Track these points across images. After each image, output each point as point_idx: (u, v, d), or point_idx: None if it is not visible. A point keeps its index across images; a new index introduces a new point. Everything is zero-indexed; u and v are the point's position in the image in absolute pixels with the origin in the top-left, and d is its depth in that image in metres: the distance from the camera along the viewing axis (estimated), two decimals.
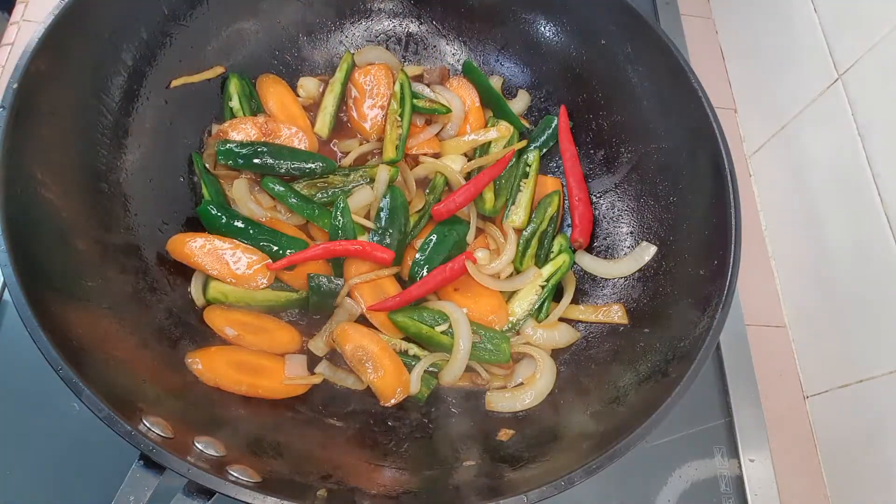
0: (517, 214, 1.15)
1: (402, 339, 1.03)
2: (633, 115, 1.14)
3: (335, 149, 1.20)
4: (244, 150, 1.06)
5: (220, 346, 0.96)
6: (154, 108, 1.03)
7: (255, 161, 1.06)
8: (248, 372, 0.94)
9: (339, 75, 1.21)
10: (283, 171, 1.07)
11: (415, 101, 1.19)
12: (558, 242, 1.15)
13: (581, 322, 1.09)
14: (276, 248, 1.01)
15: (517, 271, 1.11)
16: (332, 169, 1.10)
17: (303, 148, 1.12)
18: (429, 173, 1.17)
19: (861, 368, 1.11)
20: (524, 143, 1.22)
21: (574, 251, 1.15)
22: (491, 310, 1.06)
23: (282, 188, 1.05)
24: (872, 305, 1.10)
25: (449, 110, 1.20)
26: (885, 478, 1.05)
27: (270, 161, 1.07)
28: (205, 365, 0.91)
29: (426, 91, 1.23)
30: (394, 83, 1.21)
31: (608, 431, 0.83)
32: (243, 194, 1.06)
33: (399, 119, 1.17)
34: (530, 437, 0.93)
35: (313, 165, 1.09)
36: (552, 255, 1.14)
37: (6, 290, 0.73)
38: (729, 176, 0.95)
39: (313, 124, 1.19)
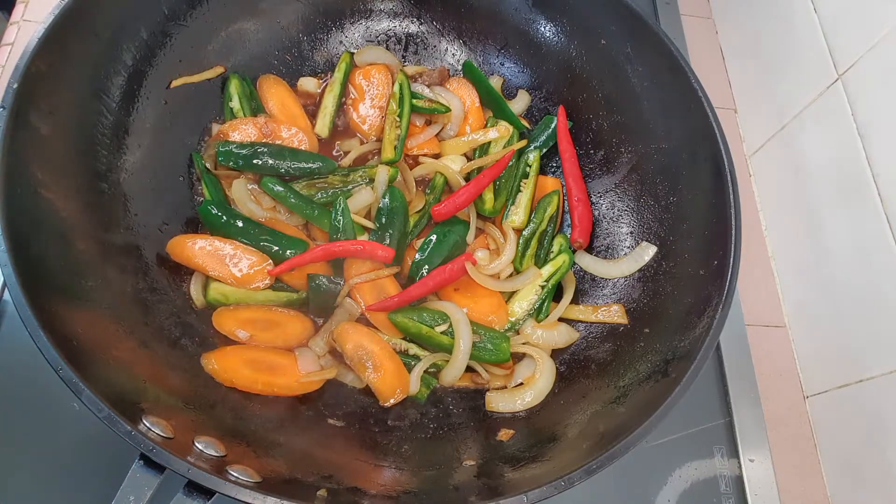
0: (517, 215, 1.15)
1: (402, 338, 1.03)
2: (633, 115, 1.14)
3: (337, 149, 1.20)
4: (244, 151, 1.06)
5: (234, 346, 0.96)
6: (154, 108, 1.03)
7: (255, 162, 1.06)
8: (263, 370, 0.94)
9: (338, 75, 1.21)
10: (283, 171, 1.08)
11: (414, 101, 1.19)
12: (558, 242, 1.15)
13: (581, 322, 1.09)
14: (276, 248, 1.01)
15: (517, 271, 1.11)
16: (331, 169, 1.10)
17: (303, 148, 1.12)
18: (428, 173, 1.17)
19: (861, 368, 1.11)
20: (524, 142, 1.22)
21: (574, 251, 1.15)
22: (491, 310, 1.06)
23: (281, 188, 1.05)
24: (872, 305, 1.10)
25: (448, 109, 1.20)
26: (885, 478, 1.05)
27: (270, 162, 1.07)
28: (220, 365, 0.91)
29: (426, 91, 1.23)
30: (393, 83, 1.21)
31: (608, 431, 0.83)
32: (243, 195, 1.06)
33: (398, 119, 1.17)
34: (530, 437, 0.93)
35: (313, 165, 1.09)
36: (552, 255, 1.14)
37: (6, 290, 0.73)
38: (729, 176, 0.95)
39: (313, 125, 1.19)
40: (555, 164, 1.24)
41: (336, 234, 1.04)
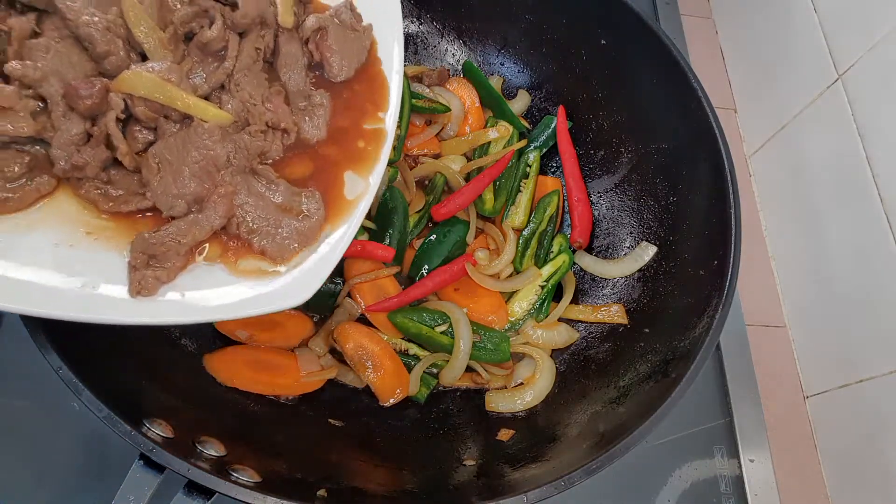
0: (516, 215, 1.15)
1: (402, 338, 1.03)
2: (633, 115, 1.14)
3: None
4: None
5: (235, 346, 0.96)
6: None
7: None
8: (263, 370, 0.94)
9: None
10: None
11: (414, 101, 1.18)
12: (558, 242, 1.15)
13: (581, 322, 1.09)
14: None
15: (517, 271, 1.11)
16: None
17: None
18: (428, 173, 1.16)
19: (861, 368, 1.11)
20: (524, 142, 1.22)
21: (574, 251, 1.15)
22: (491, 310, 1.06)
23: None
24: (872, 305, 1.10)
25: (448, 109, 1.20)
26: (885, 478, 1.06)
27: None
28: (221, 365, 0.91)
29: (426, 91, 1.23)
30: None
31: (608, 431, 0.83)
32: None
33: (398, 119, 1.17)
34: (530, 437, 0.93)
35: None
36: (552, 255, 1.14)
37: None
38: (729, 176, 0.95)
39: None
40: (555, 164, 1.24)
41: None
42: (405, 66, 1.27)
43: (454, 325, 1.00)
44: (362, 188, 0.75)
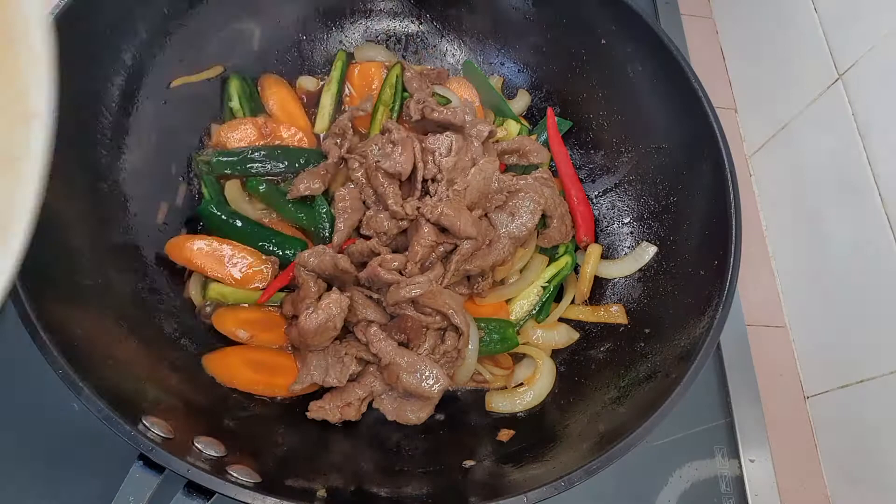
0: None
1: None
2: (633, 115, 1.14)
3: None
4: (234, 158, 1.06)
5: (235, 346, 0.96)
6: (154, 108, 1.03)
7: (249, 167, 1.07)
8: (263, 370, 0.94)
9: (335, 74, 1.20)
10: (276, 171, 1.08)
11: (406, 93, 1.19)
12: (563, 244, 1.14)
13: (581, 322, 1.09)
14: (274, 247, 1.01)
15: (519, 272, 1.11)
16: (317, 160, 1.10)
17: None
18: None
19: (861, 368, 1.11)
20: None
21: (576, 251, 1.14)
22: (492, 311, 1.06)
23: (265, 188, 1.05)
24: (872, 305, 1.10)
25: (448, 101, 1.20)
26: (885, 478, 1.05)
27: (262, 165, 1.07)
28: (221, 366, 0.91)
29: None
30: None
31: (608, 431, 0.83)
32: (237, 195, 1.06)
33: (391, 114, 1.18)
34: (530, 438, 0.93)
35: (302, 160, 1.09)
36: (556, 256, 1.13)
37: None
38: (729, 176, 0.95)
39: (313, 124, 1.19)
40: (552, 165, 1.24)
41: (322, 240, 1.04)
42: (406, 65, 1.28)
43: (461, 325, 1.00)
44: None
